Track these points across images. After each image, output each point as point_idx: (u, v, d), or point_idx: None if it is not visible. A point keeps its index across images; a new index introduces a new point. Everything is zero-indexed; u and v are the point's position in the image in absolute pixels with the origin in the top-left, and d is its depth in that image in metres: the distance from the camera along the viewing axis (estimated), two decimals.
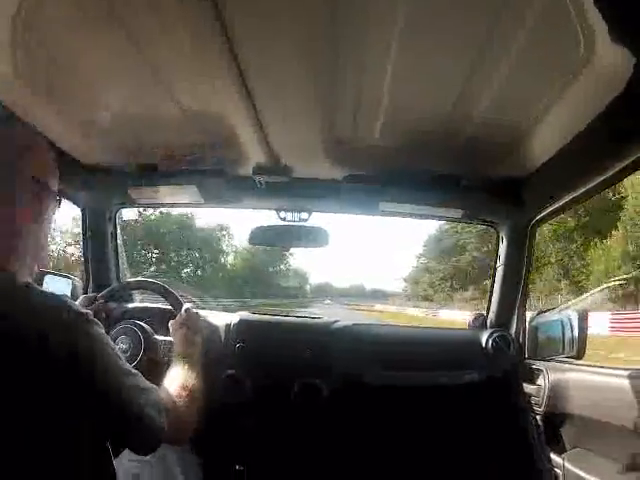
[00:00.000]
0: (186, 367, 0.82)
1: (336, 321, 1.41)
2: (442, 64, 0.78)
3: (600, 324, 10.40)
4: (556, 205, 1.16)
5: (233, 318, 1.35)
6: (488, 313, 1.41)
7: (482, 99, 0.86)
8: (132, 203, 1.41)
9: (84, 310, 0.60)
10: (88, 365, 0.56)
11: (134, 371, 0.62)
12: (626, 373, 0.97)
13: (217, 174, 1.23)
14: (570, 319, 1.39)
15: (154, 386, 0.65)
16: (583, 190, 1.02)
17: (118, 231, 1.47)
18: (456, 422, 1.36)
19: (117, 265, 1.47)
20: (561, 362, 1.27)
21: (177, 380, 0.76)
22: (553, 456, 1.14)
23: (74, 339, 0.55)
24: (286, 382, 1.27)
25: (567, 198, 1.09)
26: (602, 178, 0.94)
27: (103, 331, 0.60)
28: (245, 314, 1.39)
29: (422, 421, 1.37)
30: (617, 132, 0.82)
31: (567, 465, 1.07)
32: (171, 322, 0.99)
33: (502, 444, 1.34)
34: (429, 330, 1.54)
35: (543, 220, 1.28)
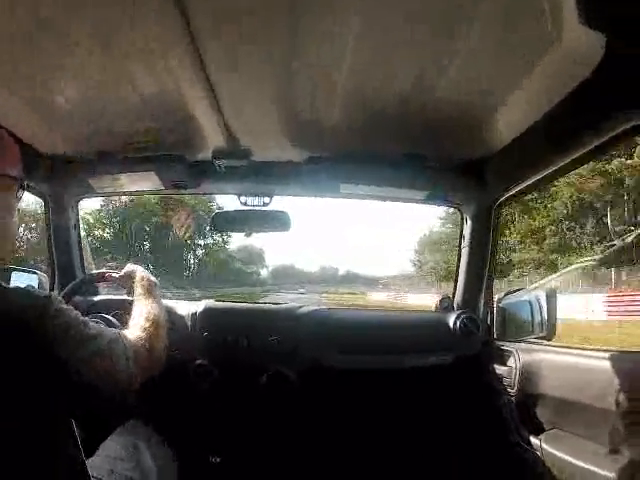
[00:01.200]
0: (146, 297, 0.87)
1: (301, 306, 1.40)
2: (402, 42, 0.77)
3: (592, 308, 10.32)
4: (520, 187, 1.16)
5: (198, 306, 1.33)
6: (455, 295, 1.41)
7: (444, 79, 0.86)
8: (94, 192, 1.38)
9: (43, 293, 0.63)
10: (56, 348, 0.58)
11: (95, 332, 0.63)
12: (598, 354, 0.98)
13: (177, 160, 1.22)
14: (539, 300, 1.40)
15: (118, 333, 0.68)
16: (547, 172, 1.02)
17: (80, 222, 1.45)
18: (426, 405, 1.37)
19: (81, 257, 1.45)
20: (531, 343, 1.28)
21: (141, 314, 0.80)
22: (529, 437, 1.14)
23: (36, 324, 0.57)
24: (254, 369, 1.27)
25: (531, 180, 1.09)
26: (566, 161, 0.94)
27: (62, 305, 0.62)
28: (210, 302, 1.37)
29: (392, 405, 1.37)
30: (582, 116, 0.82)
31: (544, 446, 1.08)
32: (117, 277, 1.02)
33: (474, 426, 1.35)
34: (396, 314, 1.55)
35: (507, 201, 1.28)
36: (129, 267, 1.00)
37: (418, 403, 1.37)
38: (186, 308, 1.34)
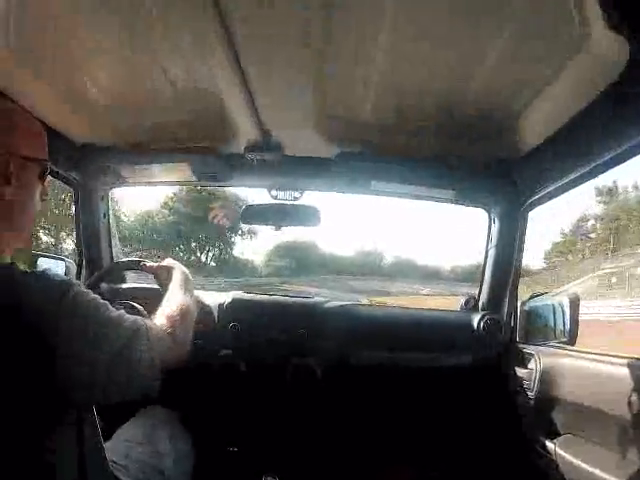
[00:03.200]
0: (179, 287, 0.84)
1: (329, 301, 1.40)
2: (435, 43, 0.77)
3: None
4: (549, 189, 1.15)
5: (226, 298, 1.35)
6: (480, 296, 1.41)
7: (475, 80, 0.86)
8: (124, 182, 1.40)
9: (62, 277, 0.59)
10: (70, 332, 0.55)
11: (116, 316, 0.61)
12: (619, 361, 0.96)
13: (209, 152, 1.23)
14: (562, 305, 1.39)
15: (140, 320, 0.65)
16: (576, 175, 1.01)
17: (111, 211, 1.47)
18: (446, 403, 1.37)
19: (110, 245, 1.47)
20: (553, 347, 1.27)
21: (170, 302, 0.78)
22: (544, 441, 1.14)
23: (52, 308, 0.54)
24: (280, 362, 1.27)
25: (560, 182, 1.08)
26: (596, 163, 0.93)
27: (82, 289, 0.59)
28: (238, 293, 1.38)
29: (412, 402, 1.37)
30: (612, 118, 0.81)
31: (558, 451, 1.07)
32: (155, 267, 0.98)
33: (491, 427, 1.35)
34: (420, 311, 1.54)
35: (536, 204, 1.27)
36: (168, 261, 0.98)
37: (438, 401, 1.37)
38: (214, 299, 1.35)
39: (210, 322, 1.28)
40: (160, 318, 0.72)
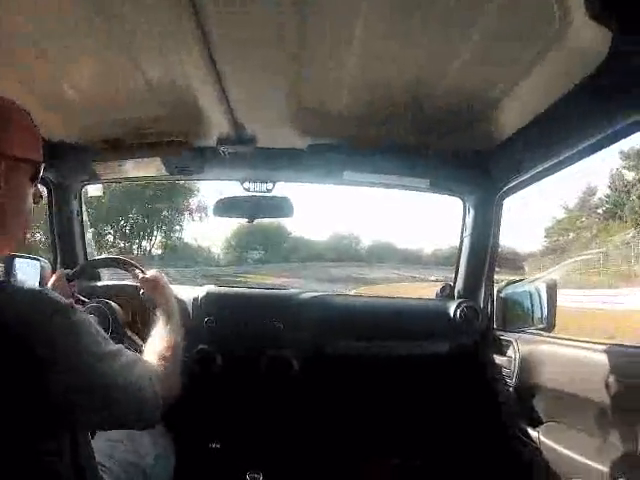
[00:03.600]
0: (166, 321, 0.83)
1: (304, 291, 1.41)
2: (409, 32, 0.77)
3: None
4: (523, 177, 1.16)
5: (200, 292, 1.34)
6: (455, 283, 1.42)
7: (449, 70, 0.86)
8: (97, 179, 1.39)
9: (61, 300, 0.56)
10: (66, 360, 0.53)
11: (115, 349, 0.59)
12: (597, 347, 0.97)
13: (181, 146, 1.22)
14: (539, 291, 1.41)
15: (138, 357, 0.64)
16: (549, 164, 1.03)
17: (84, 208, 1.45)
18: (425, 392, 1.37)
19: (84, 243, 1.45)
20: (531, 334, 1.28)
21: (160, 338, 0.77)
22: (527, 429, 1.15)
23: (50, 334, 0.52)
24: (256, 355, 1.27)
25: (534, 171, 1.10)
26: (569, 153, 0.95)
27: (80, 316, 0.56)
28: (212, 287, 1.38)
29: (390, 391, 1.38)
30: (586, 110, 0.82)
31: (541, 438, 1.08)
32: (141, 278, 0.98)
33: (472, 416, 1.36)
34: (397, 300, 1.54)
35: (510, 192, 1.28)
36: (153, 274, 0.97)
37: (417, 390, 1.38)
38: (188, 293, 1.34)
39: (185, 318, 1.27)
40: (151, 355, 0.71)
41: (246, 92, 0.98)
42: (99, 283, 1.36)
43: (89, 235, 1.51)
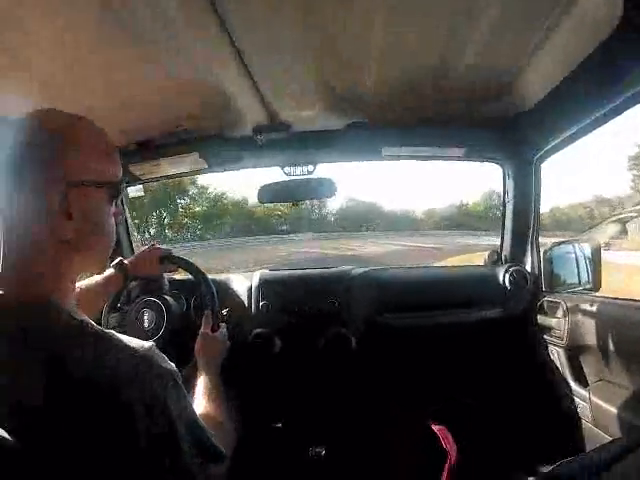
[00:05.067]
0: (213, 384, 0.82)
1: (353, 268, 1.41)
2: (431, 8, 0.76)
3: None
4: (559, 139, 1.15)
5: (253, 278, 1.36)
6: (502, 249, 1.41)
7: (476, 37, 0.85)
8: (138, 180, 1.41)
9: (168, 367, 0.54)
10: (161, 433, 0.51)
11: (198, 421, 0.58)
12: None
13: (218, 138, 1.24)
14: (584, 252, 1.39)
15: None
16: (585, 123, 1.01)
17: (126, 209, 1.48)
18: (478, 358, 1.38)
19: (130, 241, 1.49)
20: (579, 295, 1.27)
21: (211, 406, 0.75)
22: (578, 389, 1.15)
23: (155, 401, 0.50)
24: (314, 334, 1.29)
25: (569, 132, 1.08)
26: (603, 111, 0.93)
27: (180, 391, 0.55)
28: (265, 272, 1.40)
29: (446, 361, 1.39)
30: (617, 63, 0.80)
31: (592, 398, 1.09)
32: (200, 334, 0.96)
33: (524, 378, 1.36)
34: (447, 269, 1.55)
35: (547, 154, 1.27)
36: (217, 332, 0.97)
37: (471, 357, 1.39)
38: (241, 281, 1.37)
39: (240, 307, 1.30)
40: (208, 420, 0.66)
41: (275, 79, 0.98)
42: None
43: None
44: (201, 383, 0.81)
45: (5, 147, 0.53)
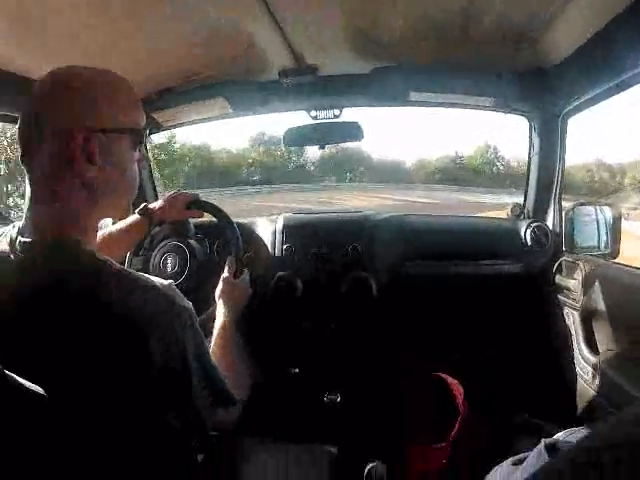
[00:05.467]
0: (230, 331, 0.83)
1: (377, 213, 1.42)
2: None
3: None
4: (587, 96, 1.12)
5: (277, 222, 1.37)
6: (525, 203, 1.40)
7: None
8: (162, 127, 1.42)
9: (187, 305, 0.56)
10: (179, 366, 0.54)
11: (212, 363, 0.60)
12: None
13: (243, 83, 1.23)
14: (605, 215, 1.38)
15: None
16: (615, 82, 0.98)
17: (150, 155, 1.50)
18: (494, 312, 1.39)
19: (154, 189, 1.50)
20: (597, 258, 1.26)
21: (226, 352, 0.76)
22: (588, 355, 1.15)
23: (173, 339, 0.52)
24: (335, 278, 1.30)
25: (599, 89, 1.05)
26: (635, 71, 0.89)
27: (197, 330, 0.57)
28: (289, 215, 1.41)
29: (463, 311, 1.40)
30: None
31: (601, 365, 1.08)
32: (223, 279, 0.97)
33: (537, 336, 1.37)
34: (469, 219, 1.54)
35: (576, 110, 1.24)
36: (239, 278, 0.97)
37: (486, 310, 1.39)
38: (265, 225, 1.38)
39: (263, 250, 1.32)
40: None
41: (300, 20, 0.96)
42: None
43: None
44: (218, 328, 0.82)
45: (31, 101, 0.56)
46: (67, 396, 0.47)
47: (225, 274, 0.96)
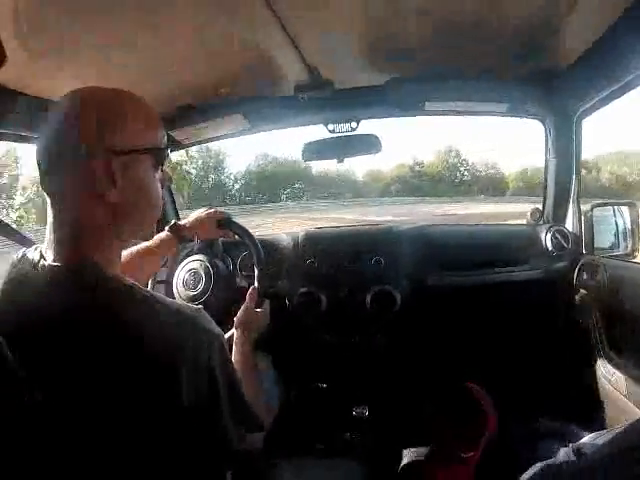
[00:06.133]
0: (249, 358, 0.83)
1: (398, 226, 1.42)
2: None
3: None
4: (601, 95, 1.12)
5: (299, 236, 1.38)
6: (544, 208, 1.40)
7: None
8: (180, 145, 1.44)
9: (216, 330, 0.57)
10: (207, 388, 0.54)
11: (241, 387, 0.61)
12: None
13: (260, 99, 1.25)
14: (623, 216, 1.38)
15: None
16: (627, 79, 0.99)
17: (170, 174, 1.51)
18: (518, 317, 1.38)
19: (175, 208, 1.52)
20: (617, 259, 1.26)
21: (248, 378, 0.75)
22: (614, 356, 1.15)
23: (204, 366, 0.53)
24: (359, 292, 1.29)
25: (612, 88, 1.06)
26: None
27: (226, 355, 0.58)
28: (310, 230, 1.41)
29: (487, 320, 1.39)
30: None
31: (626, 367, 1.08)
32: (251, 291, 0.97)
33: (561, 340, 1.37)
34: (490, 227, 1.54)
35: (589, 111, 1.24)
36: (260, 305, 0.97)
37: (512, 318, 1.38)
38: (286, 239, 1.39)
39: (286, 263, 1.33)
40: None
41: (314, 35, 0.97)
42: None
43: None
44: (238, 355, 0.82)
45: (50, 123, 0.56)
46: (94, 426, 0.47)
47: (247, 303, 0.95)
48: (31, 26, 0.75)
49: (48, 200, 0.56)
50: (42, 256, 0.55)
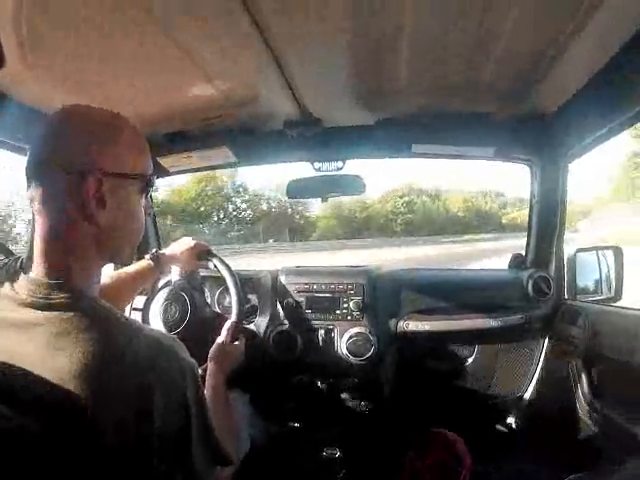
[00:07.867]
0: (222, 392, 0.83)
1: (378, 267, 1.40)
2: (458, 3, 0.75)
3: None
4: (589, 138, 1.12)
5: (279, 275, 1.36)
6: (527, 252, 1.39)
7: (504, 33, 0.83)
8: (166, 173, 1.43)
9: (189, 360, 0.57)
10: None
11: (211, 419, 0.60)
12: None
13: (248, 132, 1.25)
14: (606, 259, 1.39)
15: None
16: (616, 122, 0.99)
17: (152, 202, 1.50)
18: (496, 363, 1.37)
19: (157, 237, 1.50)
20: (601, 304, 1.26)
21: (220, 413, 0.74)
22: (593, 401, 1.14)
23: (176, 393, 0.53)
24: (335, 334, 1.27)
25: (600, 131, 1.06)
26: (634, 110, 0.91)
27: (199, 385, 0.58)
28: (289, 268, 1.40)
29: (465, 365, 1.38)
30: None
31: (605, 411, 1.08)
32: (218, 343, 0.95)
33: (539, 387, 1.36)
34: (470, 272, 1.53)
35: (576, 155, 1.24)
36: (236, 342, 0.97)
37: (491, 361, 1.38)
38: (265, 275, 1.37)
39: (263, 303, 1.31)
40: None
41: (307, 73, 0.98)
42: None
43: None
44: (210, 389, 0.81)
45: (43, 137, 0.56)
46: (65, 446, 0.46)
47: (222, 338, 0.95)
48: (30, 36, 0.75)
49: (33, 213, 0.56)
50: (23, 268, 0.55)
